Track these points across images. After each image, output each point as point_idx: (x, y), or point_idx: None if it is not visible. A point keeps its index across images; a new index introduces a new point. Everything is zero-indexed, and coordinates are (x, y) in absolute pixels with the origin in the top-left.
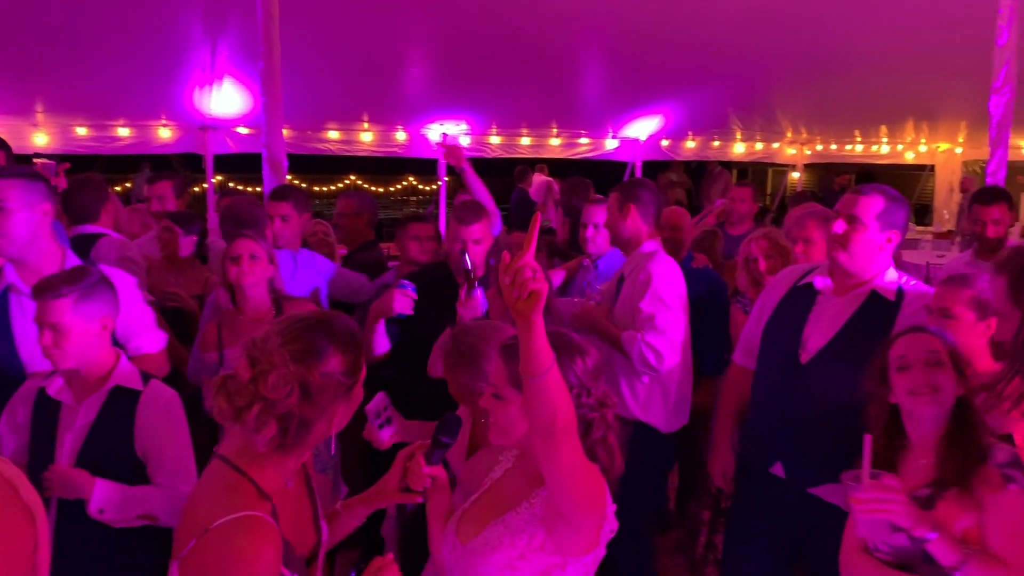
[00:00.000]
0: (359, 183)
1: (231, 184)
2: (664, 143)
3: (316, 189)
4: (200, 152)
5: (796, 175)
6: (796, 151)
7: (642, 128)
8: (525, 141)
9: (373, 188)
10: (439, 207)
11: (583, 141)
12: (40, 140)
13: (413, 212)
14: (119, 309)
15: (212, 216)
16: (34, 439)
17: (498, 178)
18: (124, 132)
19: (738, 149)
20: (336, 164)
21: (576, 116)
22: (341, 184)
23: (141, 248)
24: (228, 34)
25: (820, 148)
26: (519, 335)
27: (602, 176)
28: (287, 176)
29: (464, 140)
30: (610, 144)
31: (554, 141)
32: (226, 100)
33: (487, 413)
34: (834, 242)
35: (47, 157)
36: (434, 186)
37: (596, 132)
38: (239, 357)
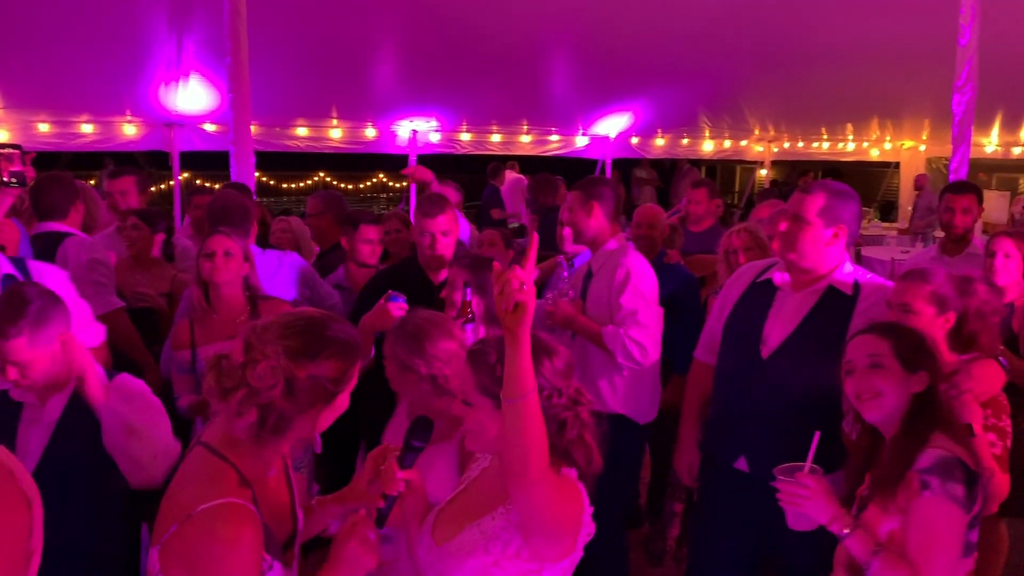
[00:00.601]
0: (328, 180)
1: (199, 182)
2: (634, 141)
3: (285, 186)
4: (166, 149)
5: (764, 172)
6: (764, 148)
7: (612, 125)
8: (496, 138)
9: (343, 185)
10: (409, 204)
11: (553, 138)
12: None
13: (361, 210)
14: (68, 312)
15: (179, 214)
16: None
17: (469, 175)
18: (88, 128)
19: (707, 147)
20: (305, 161)
21: (546, 113)
22: (310, 181)
23: (99, 244)
24: (194, 29)
25: (787, 145)
26: (505, 350)
27: (573, 173)
28: (255, 173)
29: (434, 137)
30: (580, 141)
31: (525, 138)
32: (192, 96)
33: (449, 415)
34: (782, 241)
35: (11, 147)
36: (405, 183)
37: (566, 129)
38: (238, 340)
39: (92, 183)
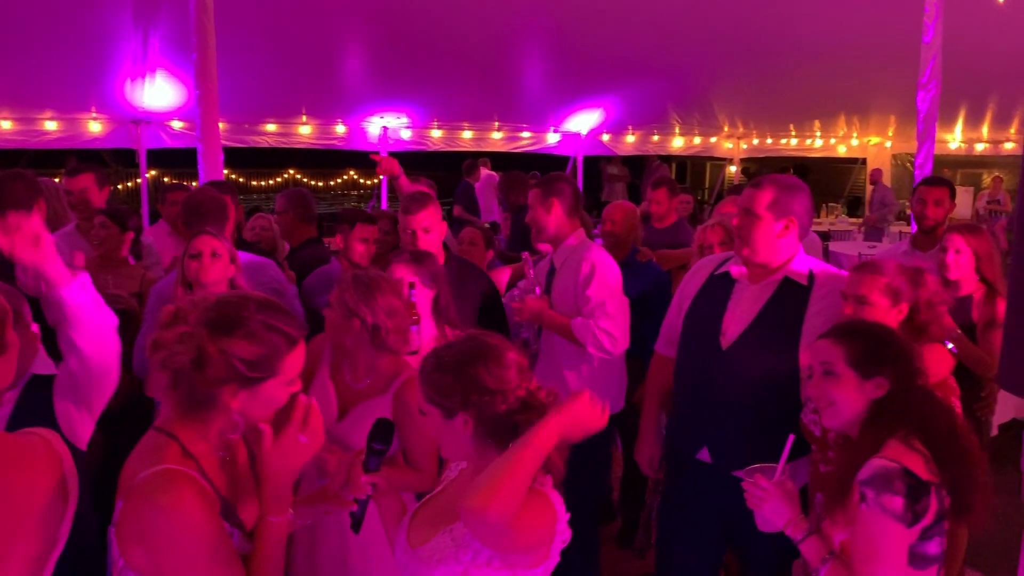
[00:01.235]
0: (298, 177)
1: (166, 179)
2: (605, 137)
3: (254, 184)
4: (133, 147)
5: (733, 169)
6: (733, 145)
7: (583, 122)
8: (467, 135)
9: (313, 182)
10: (380, 201)
11: (525, 135)
12: None
13: (356, 208)
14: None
15: (147, 212)
16: None
17: (441, 172)
18: (52, 125)
19: (677, 143)
20: (274, 158)
21: (517, 110)
22: (279, 179)
23: (61, 244)
24: (160, 24)
25: (756, 142)
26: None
27: (545, 170)
28: (223, 171)
29: (405, 133)
30: (552, 138)
31: (496, 135)
32: (159, 93)
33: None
34: (736, 236)
35: None
36: (375, 180)
37: (537, 126)
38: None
39: (57, 181)
